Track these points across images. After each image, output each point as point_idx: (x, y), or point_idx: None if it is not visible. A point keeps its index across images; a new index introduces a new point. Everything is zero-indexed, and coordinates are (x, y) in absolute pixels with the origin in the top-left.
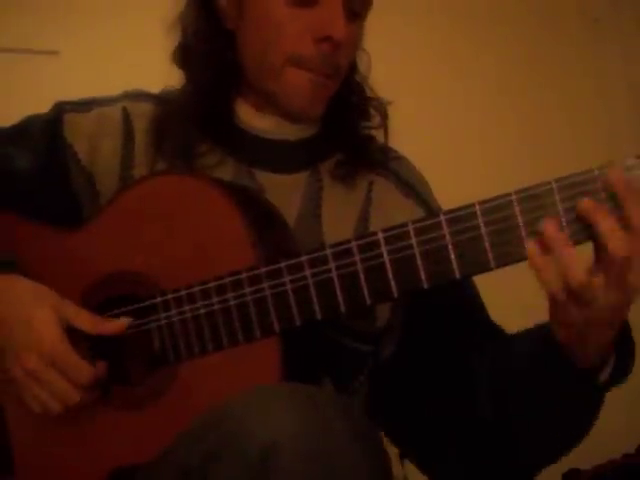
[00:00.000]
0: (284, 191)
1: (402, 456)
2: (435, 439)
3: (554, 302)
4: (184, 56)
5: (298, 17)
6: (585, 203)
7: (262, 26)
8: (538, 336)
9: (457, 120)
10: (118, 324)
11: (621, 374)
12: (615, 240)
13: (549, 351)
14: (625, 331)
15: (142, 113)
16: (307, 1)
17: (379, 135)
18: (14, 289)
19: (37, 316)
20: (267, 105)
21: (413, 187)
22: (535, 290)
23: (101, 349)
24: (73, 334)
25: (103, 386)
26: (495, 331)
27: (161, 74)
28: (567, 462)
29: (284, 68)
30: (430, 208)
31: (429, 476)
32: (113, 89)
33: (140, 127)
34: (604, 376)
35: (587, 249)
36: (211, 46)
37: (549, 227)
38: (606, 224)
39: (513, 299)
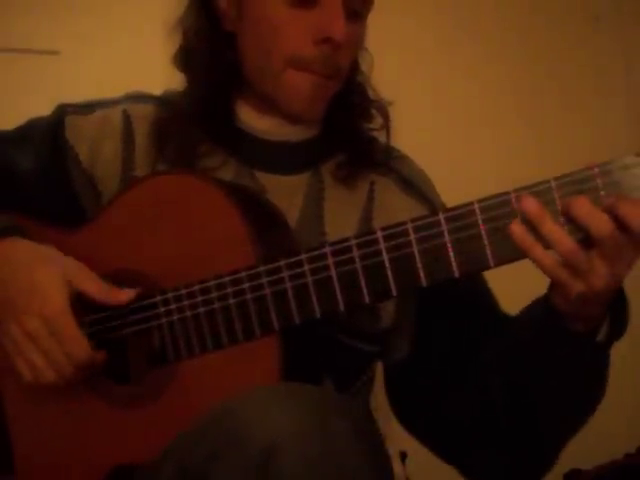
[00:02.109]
0: (286, 192)
1: (403, 457)
2: (457, 434)
3: (559, 283)
4: (185, 59)
5: (298, 18)
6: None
7: (262, 28)
8: (536, 310)
9: (457, 119)
10: (124, 295)
11: (618, 332)
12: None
13: (546, 321)
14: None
15: (143, 115)
16: (306, 2)
17: (381, 136)
18: (19, 250)
19: (43, 277)
20: (268, 106)
21: (415, 185)
22: (534, 289)
23: (101, 346)
24: (76, 311)
25: (98, 371)
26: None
27: (162, 74)
28: (568, 462)
29: (284, 70)
30: (433, 205)
31: (461, 470)
32: (114, 89)
33: (141, 129)
34: (601, 336)
35: None
36: (211, 48)
37: (530, 205)
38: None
39: (512, 298)
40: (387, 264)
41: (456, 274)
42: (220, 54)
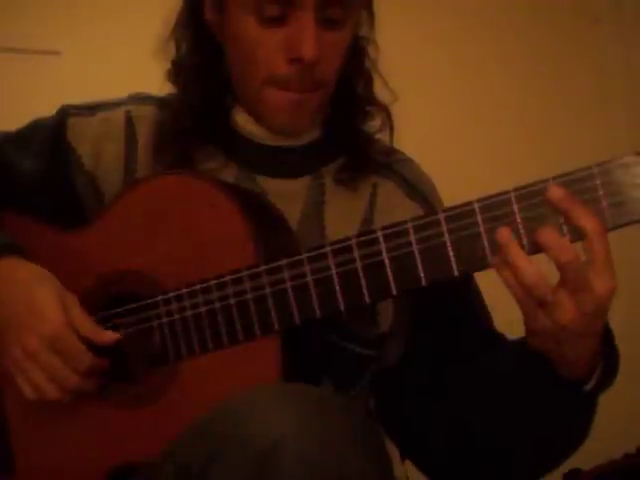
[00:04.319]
0: (286, 196)
1: (403, 457)
2: (432, 445)
3: (524, 311)
4: (177, 72)
5: (269, 38)
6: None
7: (239, 47)
8: (520, 348)
9: (458, 120)
10: (106, 336)
11: (607, 382)
12: (562, 251)
13: (530, 362)
14: (609, 339)
15: (145, 116)
16: (277, 21)
17: (384, 135)
18: (16, 270)
19: (40, 297)
20: None
21: (418, 189)
22: None
23: (102, 347)
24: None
25: (102, 377)
26: (494, 339)
27: (162, 74)
28: (568, 462)
29: (263, 88)
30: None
31: (430, 477)
32: (114, 89)
33: (143, 131)
34: (591, 385)
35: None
36: (203, 58)
37: (502, 235)
38: (551, 236)
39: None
40: (387, 263)
41: (456, 273)
42: (211, 65)
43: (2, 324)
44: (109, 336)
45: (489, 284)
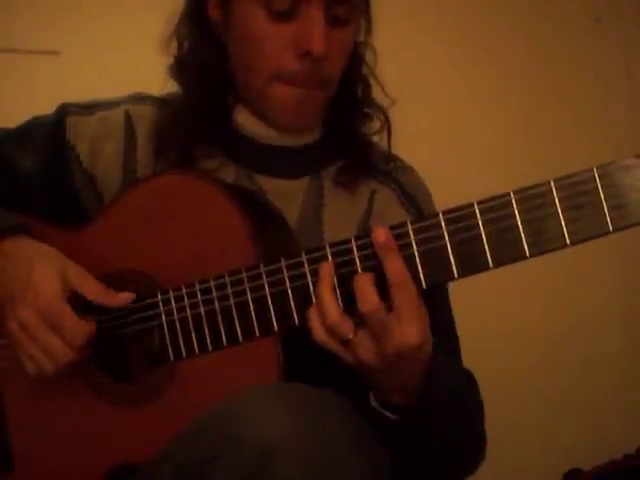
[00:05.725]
0: (284, 196)
1: None
2: None
3: (327, 346)
4: (180, 69)
5: (278, 33)
6: (380, 235)
7: (246, 42)
8: None
9: (457, 121)
10: (121, 297)
11: (421, 420)
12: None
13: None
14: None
15: (144, 116)
16: (286, 16)
17: (381, 139)
18: (22, 246)
19: (38, 272)
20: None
21: (415, 201)
22: (533, 289)
23: (101, 346)
24: (78, 307)
25: (94, 345)
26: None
27: (162, 74)
28: (568, 462)
29: (270, 84)
30: None
31: None
32: (114, 89)
33: (142, 130)
34: (399, 417)
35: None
36: (205, 57)
37: (323, 269)
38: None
39: (511, 297)
40: None
41: (456, 276)
42: (213, 64)
43: (5, 298)
44: (116, 299)
45: (487, 287)
